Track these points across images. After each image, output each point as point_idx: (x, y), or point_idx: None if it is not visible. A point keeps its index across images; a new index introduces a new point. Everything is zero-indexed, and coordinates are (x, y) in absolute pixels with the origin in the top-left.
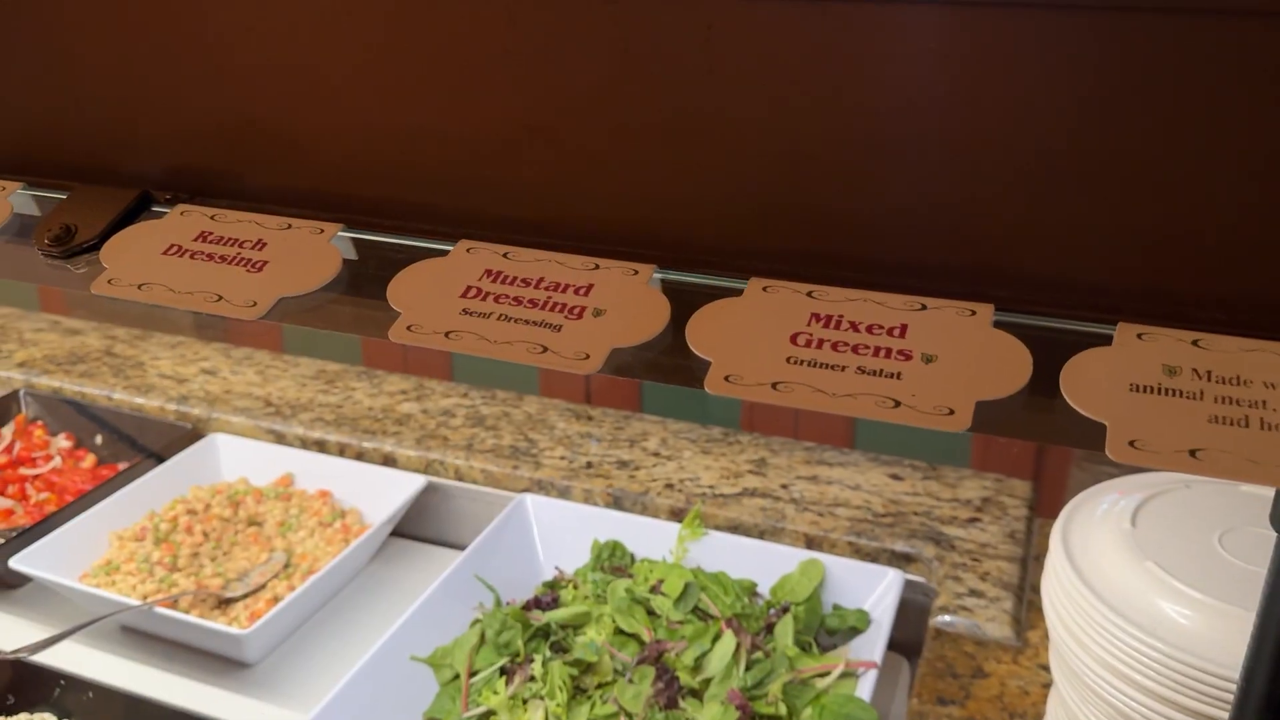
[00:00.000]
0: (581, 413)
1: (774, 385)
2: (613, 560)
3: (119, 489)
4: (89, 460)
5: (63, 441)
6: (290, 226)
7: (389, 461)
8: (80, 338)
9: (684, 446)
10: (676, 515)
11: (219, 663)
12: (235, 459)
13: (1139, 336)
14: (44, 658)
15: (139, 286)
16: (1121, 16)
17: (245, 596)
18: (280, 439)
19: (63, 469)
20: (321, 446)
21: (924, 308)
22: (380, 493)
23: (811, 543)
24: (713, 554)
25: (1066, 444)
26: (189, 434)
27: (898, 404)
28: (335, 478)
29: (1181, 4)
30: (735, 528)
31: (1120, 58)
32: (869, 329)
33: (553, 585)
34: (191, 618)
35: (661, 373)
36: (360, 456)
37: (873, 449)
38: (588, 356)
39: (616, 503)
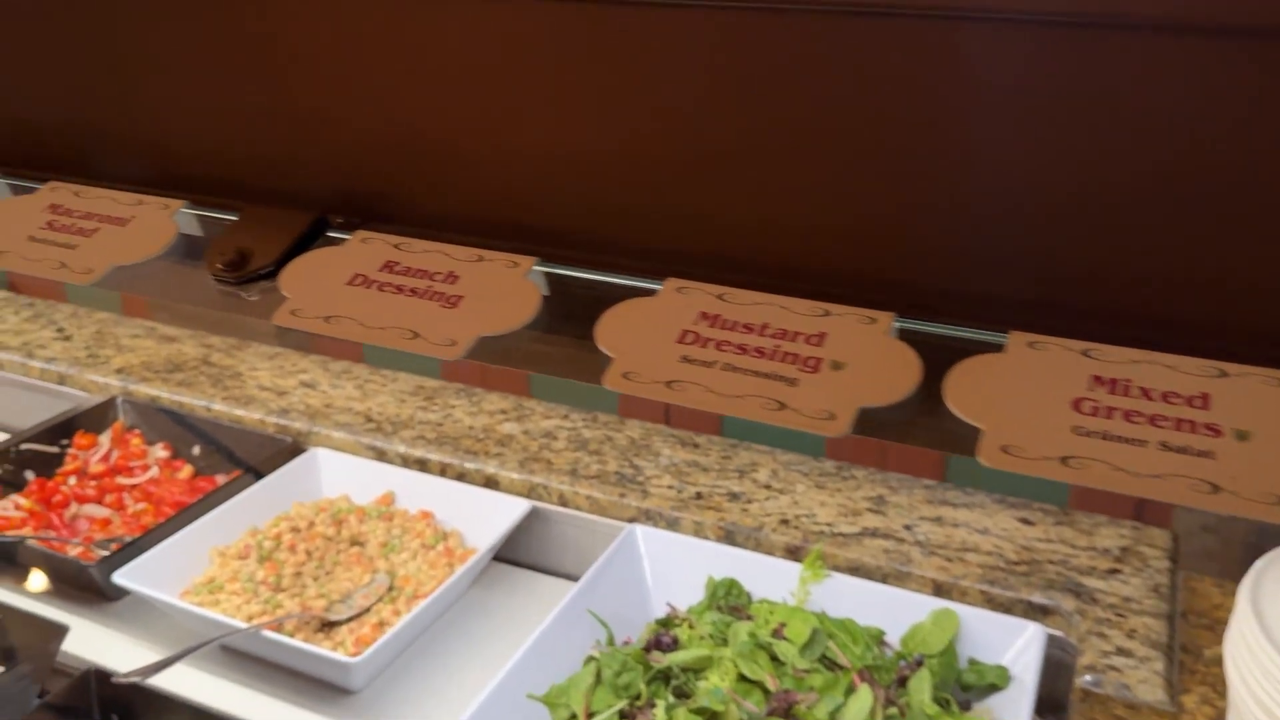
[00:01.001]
0: (687, 439)
1: (1062, 460)
2: (729, 599)
3: (221, 503)
4: (186, 471)
5: (160, 451)
6: (481, 259)
7: (491, 484)
8: (176, 345)
9: (796, 479)
10: (793, 553)
11: (320, 688)
12: (336, 475)
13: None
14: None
15: (325, 319)
16: None
17: (349, 620)
18: (381, 456)
19: (159, 479)
20: (423, 465)
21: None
22: (483, 516)
23: (940, 590)
24: (836, 598)
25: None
26: (289, 448)
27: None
28: (437, 498)
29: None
30: (856, 570)
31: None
32: None
33: (667, 624)
34: (298, 643)
35: (918, 435)
36: (462, 477)
37: (988, 488)
38: (833, 416)
39: (728, 537)
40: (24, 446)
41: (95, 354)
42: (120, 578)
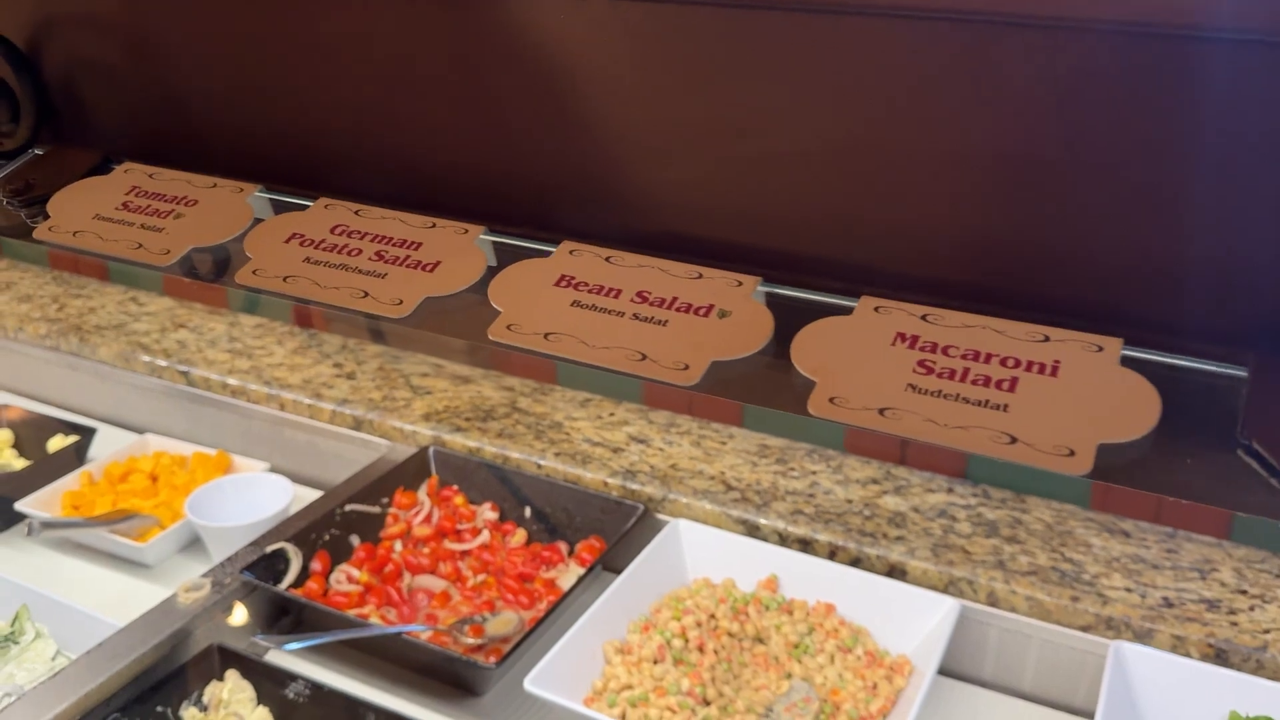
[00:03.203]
0: (1113, 526)
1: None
2: None
3: (599, 588)
4: (518, 536)
5: (488, 513)
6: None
7: (895, 572)
8: (474, 387)
9: (1272, 584)
10: None
11: None
12: (703, 553)
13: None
14: None
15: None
16: None
17: None
18: (753, 531)
19: (491, 545)
20: (806, 546)
21: None
22: (892, 614)
23: None
24: None
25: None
26: (641, 517)
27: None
28: (831, 587)
29: None
30: None
31: None
32: None
33: None
34: None
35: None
36: (857, 563)
37: None
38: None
39: (1220, 657)
40: (349, 508)
41: (390, 396)
42: (533, 686)
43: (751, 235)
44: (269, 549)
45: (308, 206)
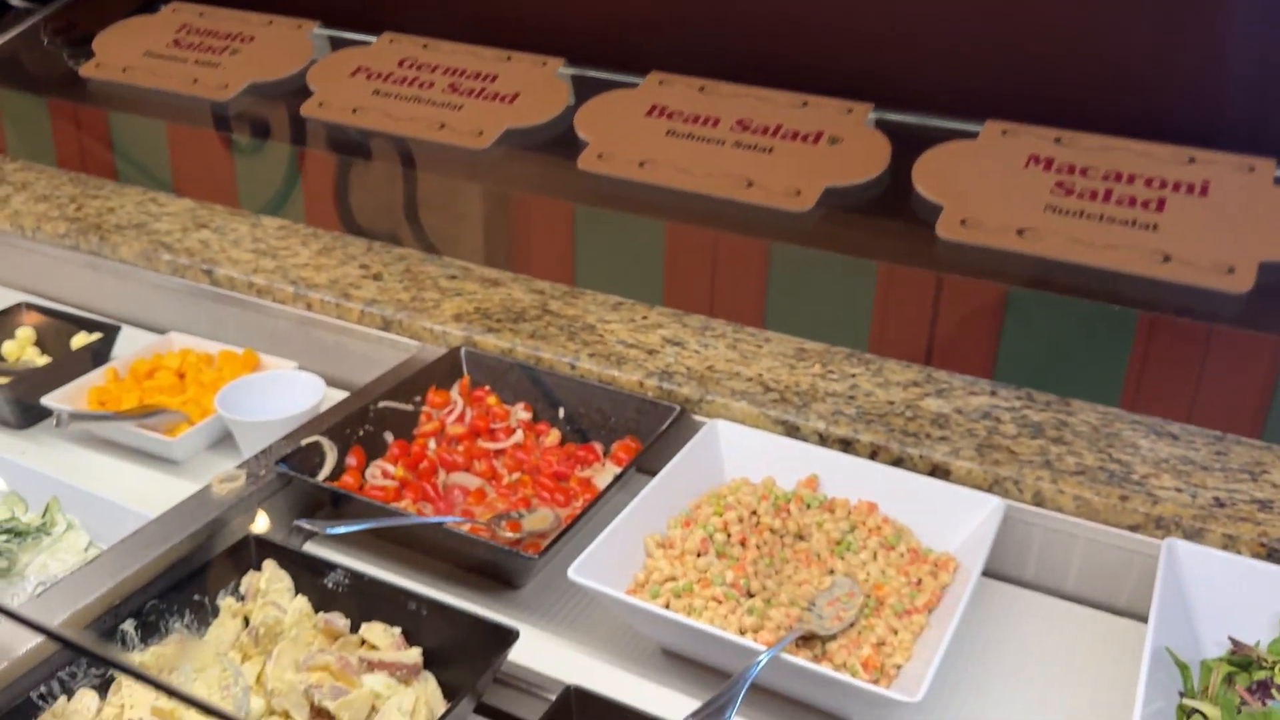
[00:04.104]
0: (1161, 429)
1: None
2: None
3: (638, 484)
4: (553, 437)
5: (521, 413)
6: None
7: (938, 472)
8: (505, 290)
9: None
10: None
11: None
12: (742, 453)
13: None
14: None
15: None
16: None
17: (836, 636)
18: (793, 432)
19: (525, 444)
20: (848, 446)
21: None
22: (937, 512)
23: None
24: None
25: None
26: (677, 417)
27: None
28: (873, 487)
29: None
30: None
31: None
32: None
33: (1245, 665)
34: (858, 682)
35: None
36: (899, 462)
37: None
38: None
39: (1272, 556)
40: (382, 404)
41: (419, 297)
42: (577, 575)
43: (859, 61)
44: (304, 442)
45: (371, 42)
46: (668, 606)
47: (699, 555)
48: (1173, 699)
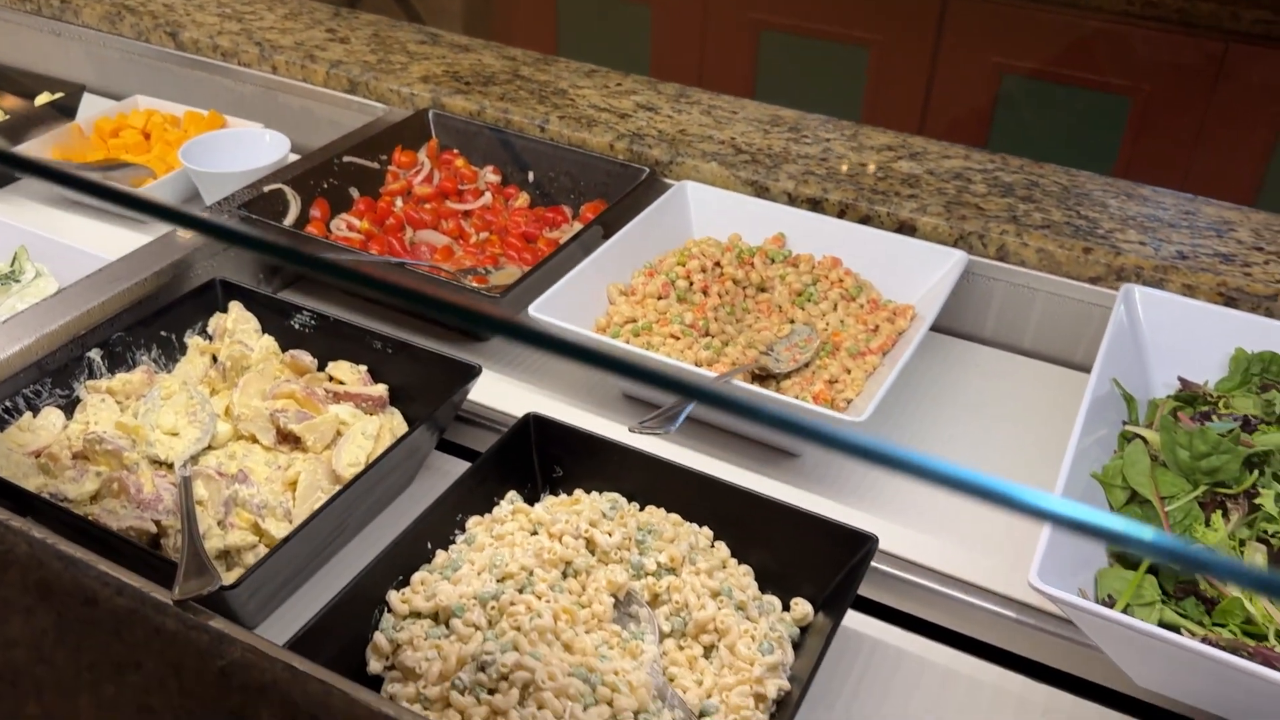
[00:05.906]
0: (1132, 191)
1: None
2: (1265, 376)
3: (599, 238)
4: (521, 200)
5: (490, 176)
6: None
7: (905, 229)
8: (474, 55)
9: None
10: None
11: (769, 453)
12: (710, 213)
13: None
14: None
15: None
16: None
17: (792, 374)
18: (762, 193)
19: (493, 206)
20: (816, 205)
21: None
22: (901, 266)
23: None
24: None
25: None
26: (646, 179)
27: None
28: (838, 243)
29: None
30: None
31: None
32: None
33: (1191, 401)
34: (805, 404)
35: None
36: (867, 220)
37: None
38: None
39: (1229, 304)
40: (346, 159)
41: (386, 60)
42: (537, 312)
43: None
44: (266, 189)
45: None
46: (642, 348)
47: (660, 299)
48: (1116, 427)
